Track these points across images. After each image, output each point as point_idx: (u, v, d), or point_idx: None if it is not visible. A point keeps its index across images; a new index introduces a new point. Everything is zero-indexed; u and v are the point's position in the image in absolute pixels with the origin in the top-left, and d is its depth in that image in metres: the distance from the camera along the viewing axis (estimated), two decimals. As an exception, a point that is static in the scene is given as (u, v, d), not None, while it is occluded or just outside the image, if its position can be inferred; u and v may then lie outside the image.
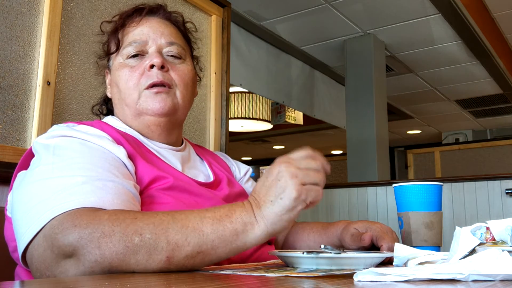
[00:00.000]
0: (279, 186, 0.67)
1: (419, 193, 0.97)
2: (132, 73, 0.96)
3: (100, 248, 0.62)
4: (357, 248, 0.93)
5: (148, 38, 0.98)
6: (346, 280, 0.57)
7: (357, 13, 3.92)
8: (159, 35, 0.99)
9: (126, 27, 1.00)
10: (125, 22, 1.01)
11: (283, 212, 0.67)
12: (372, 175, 4.11)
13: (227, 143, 2.17)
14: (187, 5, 2.08)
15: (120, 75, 0.97)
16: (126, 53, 0.97)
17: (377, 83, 4.32)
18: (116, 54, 1.00)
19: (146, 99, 0.94)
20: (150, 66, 0.95)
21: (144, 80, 0.94)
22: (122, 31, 1.00)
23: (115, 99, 1.01)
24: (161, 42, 0.98)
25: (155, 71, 0.94)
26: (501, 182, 3.21)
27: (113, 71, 1.00)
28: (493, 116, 7.11)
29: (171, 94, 0.96)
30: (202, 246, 0.65)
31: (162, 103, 0.94)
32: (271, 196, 0.67)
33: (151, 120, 0.96)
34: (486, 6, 3.85)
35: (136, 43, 0.97)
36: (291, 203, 0.66)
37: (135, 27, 0.99)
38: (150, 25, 1.00)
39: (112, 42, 1.01)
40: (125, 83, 0.96)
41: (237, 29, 4.02)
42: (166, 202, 0.83)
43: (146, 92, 0.94)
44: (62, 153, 0.78)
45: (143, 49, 0.97)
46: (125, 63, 0.97)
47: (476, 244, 0.68)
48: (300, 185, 0.67)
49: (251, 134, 7.93)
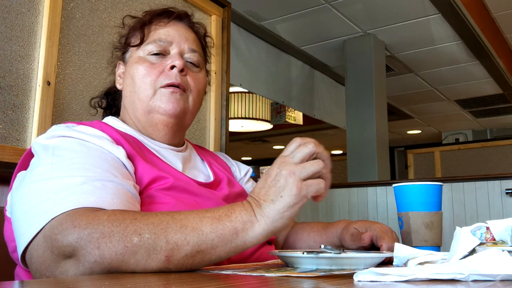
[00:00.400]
0: (278, 186, 0.68)
1: (419, 193, 0.97)
2: (151, 70, 0.97)
3: (100, 249, 0.62)
4: (357, 248, 0.93)
5: (173, 40, 1.00)
6: (346, 280, 0.57)
7: (357, 13, 3.92)
8: (184, 40, 1.01)
9: (153, 24, 1.02)
10: (153, 19, 1.02)
11: (285, 209, 0.67)
12: (372, 175, 4.11)
13: (227, 143, 2.17)
14: (187, 5, 2.08)
15: (138, 68, 0.97)
16: (149, 49, 0.99)
17: (377, 83, 4.33)
18: (137, 48, 1.01)
19: (161, 97, 0.95)
20: (171, 67, 0.96)
21: (162, 79, 0.96)
22: (149, 27, 1.02)
23: (126, 91, 1.01)
24: (184, 47, 1.01)
25: (175, 72, 0.96)
26: (501, 182, 3.21)
27: (130, 63, 1.01)
28: (493, 116, 7.12)
29: (184, 98, 0.98)
30: (202, 246, 0.65)
31: (175, 104, 0.95)
32: (271, 195, 0.68)
33: (161, 119, 0.96)
34: (486, 6, 3.85)
35: (161, 41, 0.99)
36: (292, 199, 0.67)
37: (163, 26, 1.01)
38: (177, 29, 1.02)
39: (135, 35, 1.02)
40: (142, 77, 0.97)
41: (237, 29, 4.02)
42: (166, 202, 0.83)
43: (162, 90, 0.96)
44: (62, 154, 0.78)
45: (166, 49, 0.99)
46: (145, 58, 0.98)
47: (476, 244, 0.68)
48: (299, 181, 0.67)
49: (251, 134, 7.93)
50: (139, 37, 1.00)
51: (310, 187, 0.68)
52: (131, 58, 1.01)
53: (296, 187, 0.67)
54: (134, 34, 1.03)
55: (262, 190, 0.70)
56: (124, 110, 1.03)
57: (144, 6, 1.89)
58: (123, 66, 1.05)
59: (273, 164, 0.71)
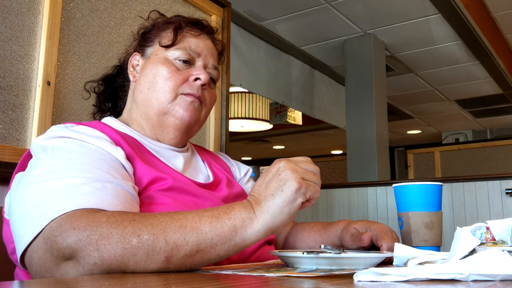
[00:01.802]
0: (279, 179, 0.69)
1: (419, 193, 0.97)
2: (176, 75, 0.98)
3: (99, 251, 0.62)
4: (357, 248, 0.93)
5: (202, 53, 1.02)
6: (346, 280, 0.57)
7: (357, 13, 3.92)
8: (210, 55, 1.04)
9: (185, 31, 1.03)
10: (186, 26, 1.04)
11: (284, 204, 0.68)
12: (372, 175, 4.11)
13: (227, 143, 2.17)
14: (187, 5, 2.08)
15: (162, 68, 0.98)
16: (177, 55, 1.00)
17: (377, 83, 4.32)
18: (165, 48, 1.01)
19: (181, 102, 0.97)
20: (195, 78, 0.98)
21: (185, 87, 0.98)
22: (182, 32, 1.02)
23: (143, 87, 1.00)
24: (209, 62, 1.03)
25: (198, 84, 0.98)
26: (501, 182, 3.21)
27: (153, 60, 1.01)
28: (493, 116, 7.11)
29: (199, 109, 1.00)
30: (201, 245, 0.65)
31: (192, 113, 0.98)
32: (272, 189, 0.69)
33: (175, 123, 0.98)
34: (486, 6, 3.85)
35: (191, 51, 1.01)
36: (292, 194, 0.68)
37: (195, 36, 1.03)
38: (206, 43, 1.04)
39: (167, 35, 1.02)
40: (165, 79, 0.97)
41: (237, 29, 4.02)
42: (165, 203, 0.83)
43: (183, 96, 0.97)
44: (61, 155, 0.77)
45: (193, 59, 1.01)
46: (172, 62, 0.99)
47: (477, 245, 0.68)
48: (300, 178, 0.69)
49: (251, 134, 7.93)
50: (171, 39, 1.00)
51: (309, 186, 0.69)
52: (156, 56, 1.01)
53: (297, 182, 0.68)
54: (165, 33, 1.02)
55: (261, 186, 0.71)
56: (132, 104, 1.03)
57: (144, 6, 1.89)
58: (140, 59, 1.04)
59: (273, 163, 0.72)
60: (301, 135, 8.33)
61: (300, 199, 0.68)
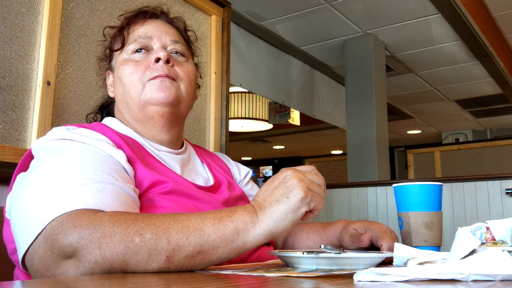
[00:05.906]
0: (286, 187, 0.70)
1: (419, 193, 0.97)
2: (137, 67, 0.97)
3: (101, 249, 0.62)
4: (357, 248, 0.93)
5: (153, 35, 1.01)
6: (346, 280, 0.57)
7: (357, 13, 3.92)
8: (164, 33, 1.02)
9: (131, 26, 1.03)
10: (130, 22, 1.03)
11: (289, 211, 0.68)
12: (372, 175, 4.11)
13: (227, 143, 2.17)
14: (187, 5, 2.08)
15: (124, 69, 0.98)
16: (131, 49, 0.99)
17: (377, 83, 4.32)
18: (120, 51, 1.01)
19: (150, 88, 0.95)
20: (155, 60, 0.96)
21: (149, 73, 0.96)
22: (128, 29, 1.02)
23: (118, 95, 1.01)
24: (166, 40, 1.01)
25: (161, 64, 0.96)
26: (501, 182, 3.21)
27: (116, 67, 1.01)
28: (493, 116, 7.11)
29: (175, 85, 0.97)
30: (203, 246, 0.65)
31: (167, 92, 0.95)
32: (277, 196, 0.70)
33: (156, 110, 0.96)
34: (486, 6, 3.85)
35: (141, 38, 1.00)
36: (298, 202, 0.69)
37: (141, 25, 1.02)
38: (155, 25, 1.03)
39: (117, 40, 1.03)
40: (129, 76, 0.97)
41: (237, 29, 4.02)
42: (165, 206, 0.83)
43: (150, 82, 0.95)
44: (62, 156, 0.78)
45: (148, 44, 1.00)
46: (129, 58, 0.99)
47: (477, 245, 0.68)
48: (307, 187, 0.70)
49: (251, 134, 7.93)
50: (120, 40, 1.01)
51: (314, 197, 0.70)
52: (117, 63, 1.02)
53: (303, 191, 0.69)
54: (116, 40, 1.04)
55: (267, 192, 0.72)
56: (119, 115, 1.03)
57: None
58: (112, 74, 1.05)
59: (280, 171, 0.74)
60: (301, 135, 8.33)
61: (304, 208, 0.69)
